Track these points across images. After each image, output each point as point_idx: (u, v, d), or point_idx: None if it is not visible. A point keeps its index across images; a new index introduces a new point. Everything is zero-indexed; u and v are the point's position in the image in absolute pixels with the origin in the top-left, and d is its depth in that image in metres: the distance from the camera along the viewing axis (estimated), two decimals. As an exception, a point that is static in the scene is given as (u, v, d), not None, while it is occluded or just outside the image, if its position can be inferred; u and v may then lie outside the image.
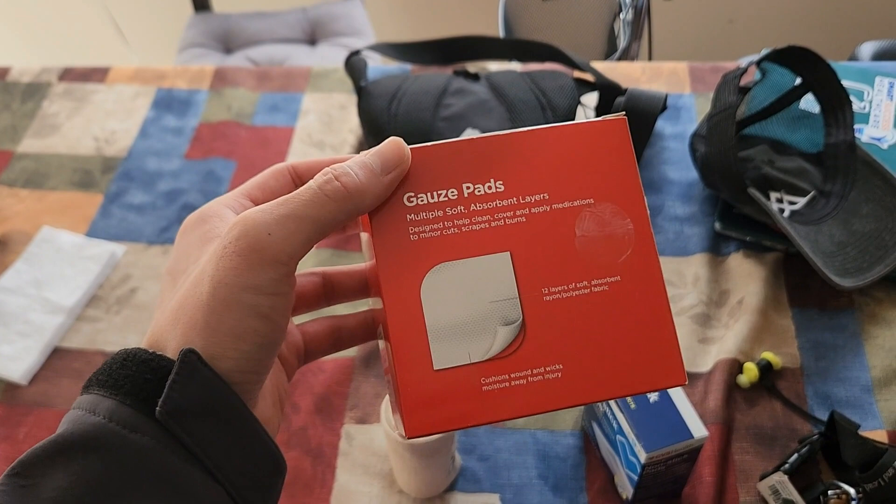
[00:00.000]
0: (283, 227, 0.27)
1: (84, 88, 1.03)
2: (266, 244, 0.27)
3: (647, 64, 1.00)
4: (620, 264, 0.30)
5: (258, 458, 0.29)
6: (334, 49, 1.66)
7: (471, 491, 0.65)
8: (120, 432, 0.26)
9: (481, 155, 0.30)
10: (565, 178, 0.31)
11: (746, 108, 0.86)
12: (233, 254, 0.27)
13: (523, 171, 0.31)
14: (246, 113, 0.98)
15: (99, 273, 0.82)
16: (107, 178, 0.93)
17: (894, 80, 0.91)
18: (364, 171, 0.29)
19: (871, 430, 0.66)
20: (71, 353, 0.78)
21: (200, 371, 0.27)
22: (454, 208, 0.30)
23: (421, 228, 0.30)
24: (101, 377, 0.28)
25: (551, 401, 0.29)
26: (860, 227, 0.76)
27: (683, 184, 0.86)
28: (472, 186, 0.30)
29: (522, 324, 0.29)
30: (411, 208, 0.30)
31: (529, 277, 0.30)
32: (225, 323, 0.27)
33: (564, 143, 0.31)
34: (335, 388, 0.72)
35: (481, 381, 0.29)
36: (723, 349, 0.71)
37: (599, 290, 0.30)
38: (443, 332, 0.29)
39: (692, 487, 0.64)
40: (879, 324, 0.73)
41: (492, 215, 0.30)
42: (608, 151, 0.31)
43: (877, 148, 0.84)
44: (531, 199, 0.30)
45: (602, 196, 0.31)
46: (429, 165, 0.30)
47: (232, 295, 0.27)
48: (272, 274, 0.27)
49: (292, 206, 0.28)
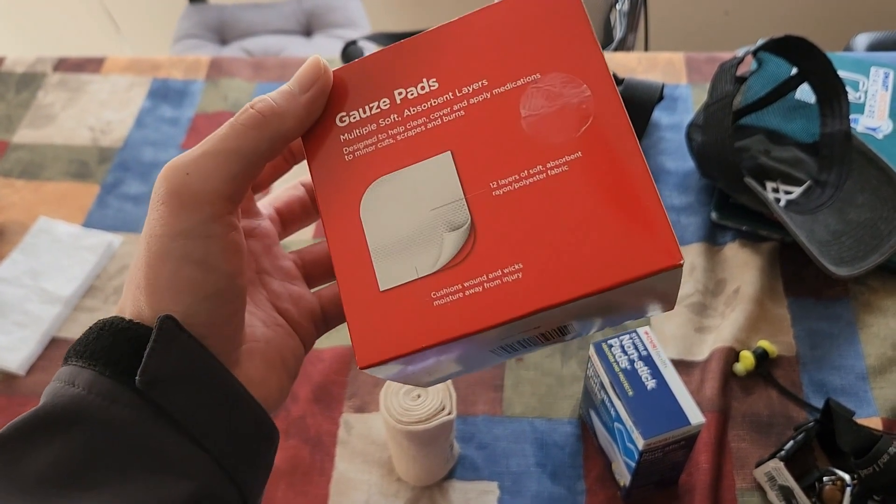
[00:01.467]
0: (201, 166, 0.26)
1: (79, 79, 1.03)
2: (185, 185, 0.26)
3: (644, 54, 1.00)
4: (580, 137, 0.26)
5: (244, 423, 0.28)
6: (330, 40, 1.65)
7: (469, 479, 0.66)
8: (100, 404, 0.25)
9: (411, 57, 0.28)
10: (504, 58, 0.27)
11: (743, 97, 0.86)
12: (158, 203, 0.26)
13: (457, 62, 0.28)
14: (242, 103, 0.98)
15: (96, 263, 0.82)
16: (103, 169, 0.92)
17: (889, 71, 0.91)
18: (281, 94, 0.28)
19: (866, 417, 0.67)
20: (69, 343, 0.77)
21: (178, 337, 0.26)
22: (387, 118, 0.28)
23: (355, 146, 0.28)
24: (79, 348, 0.27)
25: (514, 307, 0.25)
26: (856, 216, 0.77)
27: (680, 174, 0.87)
28: (403, 91, 0.28)
29: (472, 226, 0.26)
30: (344, 128, 0.28)
31: (475, 174, 0.27)
32: (162, 276, 0.26)
33: (501, 23, 0.28)
34: (333, 377, 0.72)
35: (432, 296, 0.26)
36: (719, 338, 0.71)
37: (558, 172, 0.26)
38: (385, 249, 0.27)
39: (689, 474, 0.64)
40: (874, 312, 0.74)
41: (427, 116, 0.28)
42: (554, 18, 0.27)
43: (872, 138, 0.85)
44: (468, 90, 0.27)
45: (550, 67, 0.27)
46: (359, 81, 0.28)
47: (163, 246, 0.26)
48: (197, 215, 0.26)
49: (209, 143, 0.27)
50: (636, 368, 0.58)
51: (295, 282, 0.34)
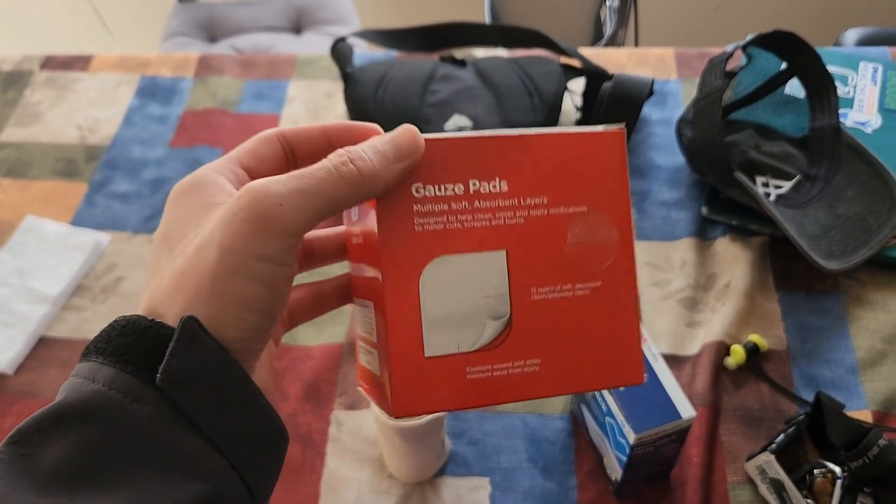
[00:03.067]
0: (296, 200, 0.27)
1: (67, 77, 1.02)
2: (277, 214, 0.27)
3: (634, 50, 1.00)
4: (603, 271, 0.32)
5: (260, 426, 0.28)
6: (320, 37, 1.65)
7: (460, 475, 0.66)
8: (120, 401, 0.26)
9: (489, 153, 0.31)
10: (564, 184, 0.32)
11: (732, 92, 0.86)
12: (242, 220, 0.27)
13: (526, 173, 0.32)
14: (231, 101, 0.98)
15: (84, 262, 0.82)
16: (91, 167, 0.92)
17: (878, 66, 0.91)
18: (378, 157, 0.29)
19: (856, 409, 0.67)
20: (57, 342, 0.77)
21: (201, 339, 0.27)
22: (459, 203, 0.31)
23: (426, 220, 0.31)
24: (100, 345, 0.27)
25: (527, 391, 0.32)
26: (845, 210, 0.77)
27: (670, 169, 0.87)
28: (478, 183, 0.31)
29: (510, 319, 0.31)
30: (418, 199, 0.30)
31: (521, 276, 0.31)
32: (231, 290, 0.27)
33: (566, 150, 0.32)
34: (324, 375, 0.72)
35: (466, 370, 0.31)
36: (710, 332, 0.71)
37: (581, 293, 0.32)
38: (436, 321, 0.31)
39: (680, 468, 0.64)
40: (864, 306, 0.74)
41: (493, 214, 0.31)
42: (604, 162, 0.33)
43: (861, 132, 0.85)
44: (531, 202, 0.32)
45: (595, 205, 0.32)
46: (438, 157, 0.31)
47: (240, 262, 0.27)
48: (280, 244, 0.27)
49: (307, 182, 0.28)
50: (627, 363, 0.58)
51: None
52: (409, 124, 0.30)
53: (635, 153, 0.89)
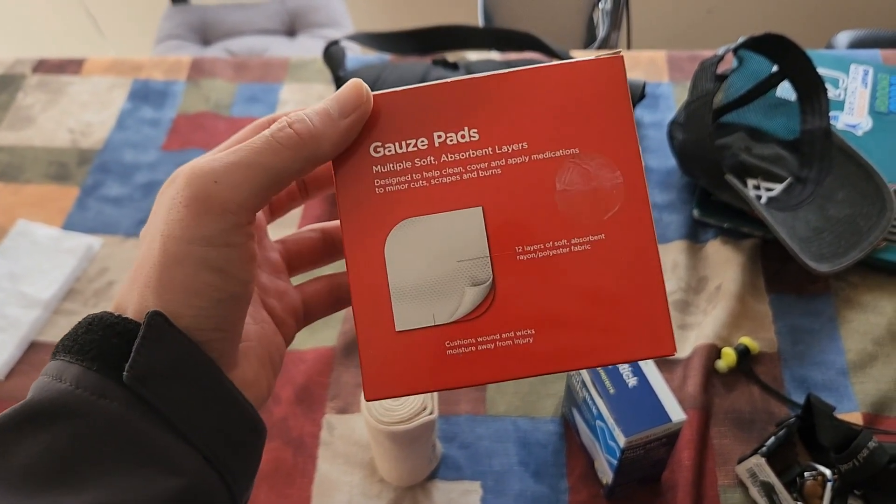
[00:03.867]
0: (231, 175, 0.26)
1: (59, 80, 1.02)
2: (212, 193, 0.26)
3: (626, 53, 1.00)
4: (606, 222, 0.28)
5: (234, 419, 0.28)
6: (313, 40, 1.65)
7: (452, 479, 0.66)
8: (87, 398, 0.25)
9: (456, 101, 0.28)
10: (548, 125, 0.28)
11: (724, 95, 0.86)
12: (179, 205, 0.26)
13: (502, 118, 0.28)
14: (224, 104, 0.98)
15: (76, 266, 0.81)
16: (83, 171, 0.92)
17: (869, 68, 0.91)
18: (320, 116, 0.28)
19: (846, 412, 0.67)
20: (48, 346, 0.77)
21: (168, 333, 0.26)
22: (424, 159, 0.28)
23: (387, 181, 0.28)
24: (67, 343, 0.27)
25: (520, 368, 0.27)
26: (836, 212, 0.77)
27: (662, 171, 0.87)
28: (443, 135, 0.28)
29: (492, 285, 0.27)
30: (378, 159, 0.28)
31: (502, 235, 0.28)
32: (177, 278, 0.26)
33: (550, 87, 0.28)
34: (316, 379, 0.72)
35: (445, 345, 0.27)
36: (701, 335, 0.71)
37: (580, 249, 0.27)
38: (406, 291, 0.28)
39: (671, 472, 0.64)
40: (855, 308, 0.74)
41: (464, 167, 0.28)
42: (600, 95, 0.28)
43: (852, 135, 0.85)
44: (508, 149, 0.28)
45: (589, 146, 0.28)
46: (398, 112, 0.28)
47: (181, 248, 0.26)
48: (221, 224, 0.26)
49: (242, 154, 0.27)
50: (617, 366, 0.58)
51: (280, 276, 0.34)
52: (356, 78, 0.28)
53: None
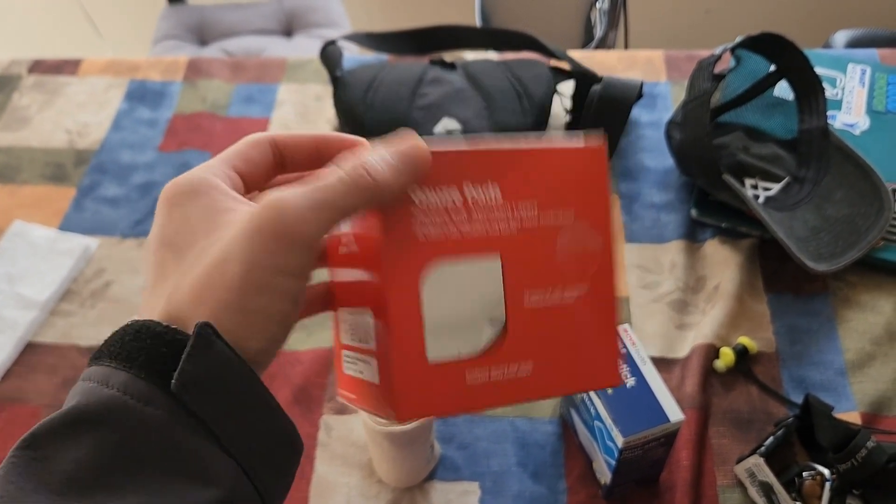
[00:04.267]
0: (316, 213, 0.28)
1: (56, 81, 1.02)
2: (300, 229, 0.28)
3: (623, 52, 1.00)
4: (589, 276, 0.34)
5: (273, 433, 0.29)
6: (311, 40, 1.64)
7: (450, 479, 0.65)
8: (134, 405, 0.26)
9: (484, 163, 0.32)
10: (553, 193, 0.33)
11: (721, 95, 0.86)
12: (268, 236, 0.27)
13: (518, 183, 0.33)
14: (221, 104, 0.97)
15: (72, 267, 0.81)
16: (79, 172, 0.91)
17: (866, 68, 0.91)
18: (390, 169, 0.29)
19: (844, 411, 0.67)
20: (45, 348, 0.76)
21: (216, 345, 0.27)
22: (457, 211, 0.32)
23: (426, 228, 0.31)
24: (114, 349, 0.27)
25: (521, 394, 0.33)
26: (833, 212, 0.77)
27: (660, 171, 0.87)
28: (473, 191, 0.32)
29: (505, 324, 0.32)
30: (419, 208, 0.31)
31: (514, 282, 0.32)
32: (258, 304, 0.28)
33: (553, 162, 0.33)
34: (313, 380, 0.72)
35: (465, 375, 0.31)
36: (699, 335, 0.71)
37: (569, 300, 0.33)
38: (437, 327, 0.31)
39: (670, 472, 0.64)
40: (853, 307, 0.74)
41: (488, 221, 0.32)
42: (588, 174, 0.34)
43: (849, 134, 0.85)
44: (523, 212, 0.33)
45: (581, 214, 0.34)
46: (436, 167, 0.31)
47: (265, 277, 0.27)
48: (303, 258, 0.28)
49: (327, 195, 0.28)
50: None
51: None
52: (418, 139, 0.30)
53: (625, 156, 0.89)
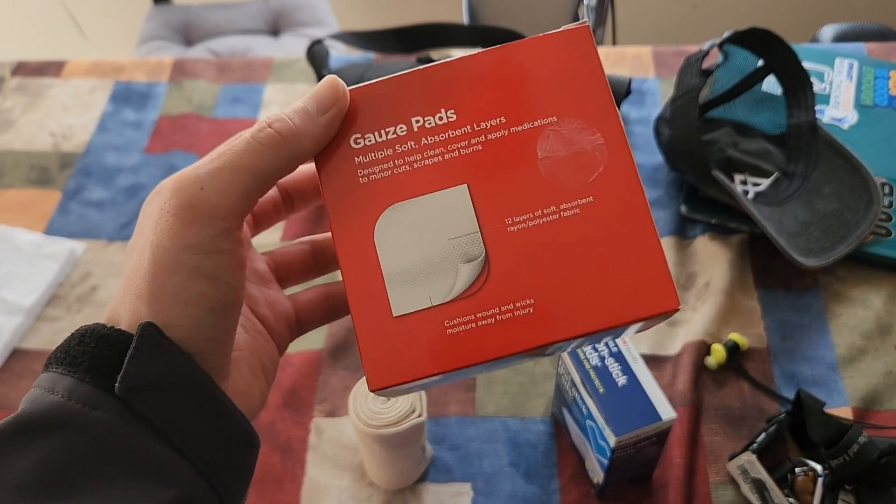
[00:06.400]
0: (217, 180, 0.26)
1: (39, 83, 1.01)
2: (199, 199, 0.26)
3: (611, 49, 1.00)
4: (592, 183, 0.28)
5: (226, 431, 0.28)
6: (297, 39, 1.63)
7: (442, 481, 0.65)
8: (80, 410, 0.25)
9: (430, 85, 0.29)
10: (523, 97, 0.29)
11: (710, 90, 0.86)
12: (167, 214, 0.26)
13: (477, 96, 0.29)
14: (207, 105, 0.97)
15: (58, 272, 0.80)
16: (64, 175, 0.90)
17: (854, 62, 0.91)
18: (299, 114, 0.28)
19: (836, 407, 0.67)
20: (31, 354, 0.76)
21: (161, 344, 0.26)
22: (404, 144, 0.28)
23: (370, 170, 0.28)
24: (60, 354, 0.27)
25: (524, 339, 0.27)
26: (823, 206, 0.77)
27: (649, 168, 0.87)
28: (421, 119, 0.29)
29: (486, 259, 0.28)
30: (359, 150, 0.29)
31: (490, 209, 0.28)
32: (168, 288, 0.26)
33: (520, 62, 0.29)
34: (303, 382, 0.71)
35: (445, 324, 0.27)
36: (690, 331, 0.71)
37: (570, 213, 0.28)
38: (400, 276, 0.28)
39: (662, 470, 0.64)
40: (843, 302, 0.74)
41: (445, 147, 0.28)
42: (571, 63, 0.29)
43: (838, 128, 0.85)
44: (486, 125, 0.29)
45: (566, 112, 0.28)
46: (375, 104, 0.29)
47: (171, 257, 0.26)
48: (210, 231, 0.26)
49: (225, 158, 0.27)
50: (607, 365, 0.57)
51: (270, 285, 0.34)
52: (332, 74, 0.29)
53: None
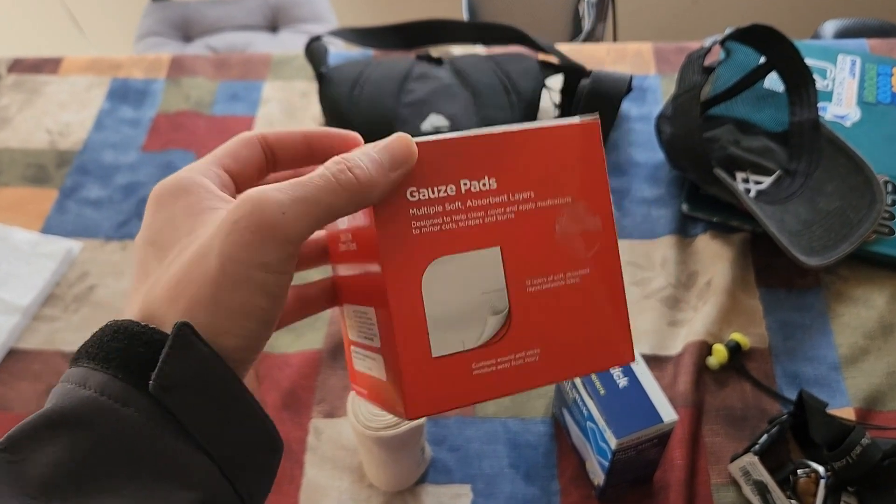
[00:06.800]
0: (296, 208, 0.28)
1: (36, 80, 1.00)
2: (279, 222, 0.27)
3: (612, 45, 0.99)
4: (590, 258, 0.33)
5: (253, 434, 0.28)
6: (296, 35, 1.63)
7: (442, 482, 0.65)
8: (112, 406, 0.25)
9: (476, 152, 0.32)
10: (548, 177, 0.33)
11: (711, 87, 0.86)
12: (244, 229, 0.27)
13: (513, 169, 0.32)
14: (205, 102, 0.96)
15: (55, 271, 0.80)
16: (61, 173, 0.90)
17: (856, 58, 0.91)
18: (375, 166, 0.29)
19: (838, 407, 0.67)
20: (28, 354, 0.75)
21: (195, 345, 0.26)
22: (452, 203, 0.32)
23: (423, 223, 0.31)
24: (92, 350, 0.27)
25: (530, 381, 0.32)
26: (825, 205, 0.76)
27: (650, 166, 0.86)
28: (468, 183, 0.32)
29: (508, 313, 0.32)
30: (414, 203, 0.31)
31: (515, 270, 0.32)
32: (234, 300, 0.27)
33: (547, 143, 0.33)
34: (301, 382, 0.70)
35: (472, 367, 0.32)
36: (692, 331, 0.71)
37: (573, 281, 0.33)
38: (441, 321, 0.31)
39: (663, 471, 0.63)
40: (845, 302, 0.74)
41: (486, 211, 0.32)
42: (583, 152, 0.34)
43: (840, 126, 0.85)
44: (520, 197, 0.33)
45: (578, 195, 0.33)
46: (430, 161, 0.31)
47: (242, 271, 0.27)
48: (281, 253, 0.27)
49: (308, 190, 0.28)
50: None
51: None
52: (403, 133, 0.31)
53: (615, 150, 0.88)
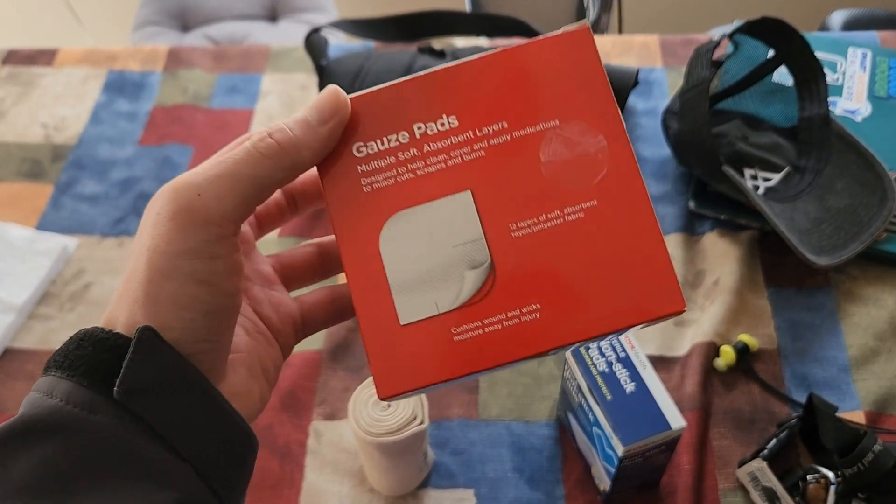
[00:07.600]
0: (214, 187, 0.27)
1: (30, 72, 0.98)
2: (196, 205, 0.26)
3: (618, 37, 0.97)
4: (596, 186, 0.28)
5: (224, 432, 0.28)
6: (296, 26, 1.61)
7: (444, 487, 0.63)
8: (78, 414, 0.25)
9: (431, 92, 0.29)
10: (524, 101, 0.28)
11: (719, 81, 0.84)
12: (164, 219, 0.27)
13: (477, 101, 0.28)
14: (203, 95, 0.94)
15: (51, 268, 0.78)
16: (57, 168, 0.88)
17: (867, 51, 0.89)
18: (299, 124, 0.28)
19: (849, 410, 0.65)
20: (23, 353, 0.74)
21: (158, 348, 0.26)
22: (406, 152, 0.28)
23: (373, 178, 0.28)
24: (58, 358, 0.27)
25: (531, 344, 0.27)
26: (835, 203, 0.75)
27: (656, 161, 0.84)
28: (423, 126, 0.28)
29: (491, 265, 0.28)
30: (361, 158, 0.28)
31: (495, 214, 0.28)
32: (164, 292, 0.27)
33: (521, 65, 0.28)
34: (302, 384, 0.69)
35: (452, 331, 0.27)
36: (699, 332, 0.69)
37: (574, 217, 0.28)
38: (406, 284, 0.28)
39: (670, 476, 0.62)
40: (856, 302, 0.72)
41: (447, 154, 0.28)
42: (572, 66, 0.28)
43: (851, 121, 0.83)
44: (489, 130, 0.28)
45: (568, 115, 0.28)
46: (375, 112, 0.28)
47: (167, 262, 0.26)
48: (205, 236, 0.27)
49: (224, 166, 0.27)
50: (614, 371, 0.55)
51: (274, 287, 0.34)
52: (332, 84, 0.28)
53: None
